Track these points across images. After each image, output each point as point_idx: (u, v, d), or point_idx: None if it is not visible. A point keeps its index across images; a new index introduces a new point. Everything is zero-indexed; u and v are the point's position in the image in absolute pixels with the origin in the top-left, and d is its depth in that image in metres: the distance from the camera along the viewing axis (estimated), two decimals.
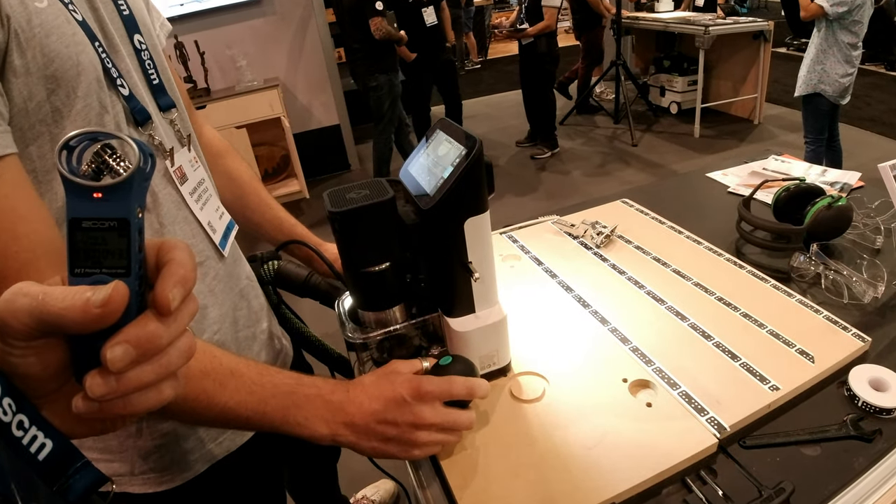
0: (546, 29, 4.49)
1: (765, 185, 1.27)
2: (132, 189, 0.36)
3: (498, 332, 0.82)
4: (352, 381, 0.73)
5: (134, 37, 0.71)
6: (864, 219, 1.17)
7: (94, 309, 0.33)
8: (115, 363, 0.34)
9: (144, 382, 0.36)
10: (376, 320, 0.82)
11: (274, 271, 0.96)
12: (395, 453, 0.71)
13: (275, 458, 0.93)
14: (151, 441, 0.76)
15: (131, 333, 0.35)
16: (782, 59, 7.18)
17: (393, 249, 0.77)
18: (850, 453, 0.71)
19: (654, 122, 5.70)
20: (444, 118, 0.81)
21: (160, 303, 0.36)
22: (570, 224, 1.26)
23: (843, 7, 3.16)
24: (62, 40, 0.58)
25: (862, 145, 4.59)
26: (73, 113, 0.60)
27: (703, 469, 0.70)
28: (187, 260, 0.38)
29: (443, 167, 0.72)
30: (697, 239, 1.17)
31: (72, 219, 0.35)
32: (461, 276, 0.76)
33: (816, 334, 0.87)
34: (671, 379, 0.81)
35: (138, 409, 0.38)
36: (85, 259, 0.36)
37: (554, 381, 0.84)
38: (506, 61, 8.99)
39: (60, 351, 0.36)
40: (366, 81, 4.05)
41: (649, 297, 1.00)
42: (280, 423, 0.67)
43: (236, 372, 0.66)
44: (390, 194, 0.74)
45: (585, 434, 0.74)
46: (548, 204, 4.19)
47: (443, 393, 0.71)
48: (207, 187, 0.83)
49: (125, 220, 0.35)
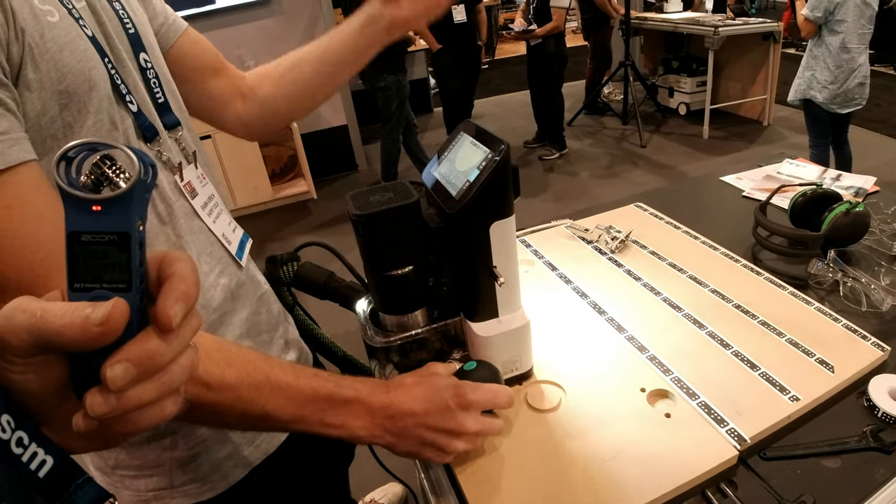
0: (555, 30, 4.48)
1: (780, 190, 1.25)
2: (132, 201, 0.35)
3: (521, 337, 0.81)
4: (392, 383, 0.72)
5: (140, 55, 0.71)
6: (881, 224, 1.16)
7: (93, 327, 0.32)
8: (116, 382, 0.34)
9: (146, 400, 0.36)
10: (398, 324, 0.81)
11: (294, 273, 0.96)
12: (429, 457, 0.71)
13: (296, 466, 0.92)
14: (187, 451, 0.75)
15: (132, 351, 0.34)
16: (792, 59, 7.13)
17: (416, 253, 0.76)
18: (870, 465, 0.70)
19: (662, 124, 5.68)
20: (468, 120, 0.81)
21: (162, 320, 0.35)
22: (583, 228, 1.26)
23: (819, 11, 3.15)
24: (75, 55, 0.57)
25: (872, 147, 4.56)
26: (84, 128, 0.59)
27: (724, 482, 0.70)
28: (189, 274, 0.37)
29: (468, 170, 0.71)
30: (713, 244, 1.16)
31: (71, 232, 0.34)
32: (485, 280, 0.75)
33: (836, 343, 0.86)
34: (690, 389, 0.80)
35: (140, 427, 0.37)
36: (85, 274, 0.35)
37: (571, 390, 0.83)
38: (514, 61, 8.98)
39: (60, 367, 0.36)
40: (374, 82, 4.05)
41: (666, 303, 1.00)
42: (318, 426, 0.67)
43: (272, 375, 0.65)
44: (415, 197, 0.73)
45: (604, 445, 0.74)
46: (556, 206, 4.18)
47: (487, 403, 0.71)
48: (218, 202, 0.82)
49: (126, 233, 0.34)
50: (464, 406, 0.69)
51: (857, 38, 3.19)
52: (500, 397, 0.72)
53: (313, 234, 4.10)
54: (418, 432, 0.68)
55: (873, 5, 3.16)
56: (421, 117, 6.29)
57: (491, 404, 0.72)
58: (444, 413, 0.69)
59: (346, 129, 5.12)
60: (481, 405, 0.71)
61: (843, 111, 3.34)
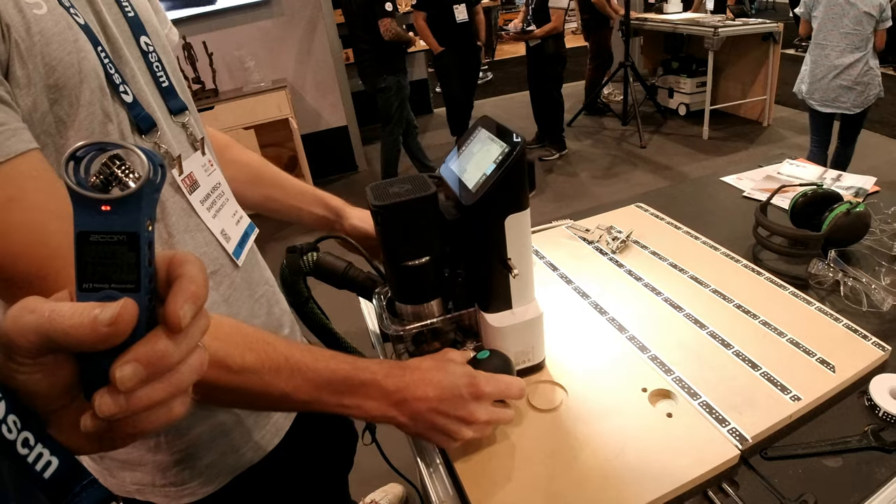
0: (554, 30, 4.48)
1: (781, 191, 1.26)
2: (141, 201, 0.34)
3: (534, 328, 0.83)
4: (408, 364, 0.73)
5: (140, 39, 0.70)
6: (882, 224, 1.17)
7: (102, 328, 0.32)
8: (125, 382, 0.33)
9: (155, 401, 0.36)
10: (413, 313, 0.82)
11: (313, 263, 0.96)
12: (437, 441, 0.73)
13: (290, 477, 0.92)
14: (170, 456, 0.75)
15: (141, 352, 0.34)
16: (792, 60, 7.14)
17: (434, 244, 0.77)
18: (871, 465, 0.70)
19: (662, 124, 5.68)
20: (485, 116, 0.82)
21: (171, 320, 0.35)
22: (584, 229, 1.26)
23: (802, 7, 3.34)
24: (63, 47, 0.56)
25: (871, 147, 4.56)
26: (76, 122, 0.58)
27: (725, 481, 0.70)
28: (198, 275, 0.37)
29: (486, 164, 0.72)
30: (714, 244, 1.16)
31: (79, 232, 0.34)
32: (500, 272, 0.77)
33: (837, 343, 0.87)
34: (691, 388, 0.80)
35: (148, 428, 0.37)
36: (93, 274, 0.34)
37: (572, 389, 0.84)
38: (513, 62, 8.98)
39: (68, 368, 0.36)
40: (374, 83, 4.06)
41: (667, 304, 1.00)
42: (334, 406, 0.69)
43: (291, 358, 0.66)
44: (433, 189, 0.75)
45: (605, 445, 0.74)
46: (556, 206, 4.18)
47: (499, 394, 0.73)
48: (223, 192, 0.81)
49: (135, 233, 0.34)
50: (476, 396, 0.71)
51: (838, 36, 3.22)
52: (512, 389, 0.74)
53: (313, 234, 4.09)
54: (430, 417, 0.70)
55: (861, 6, 3.13)
56: (421, 118, 6.29)
57: (503, 395, 0.74)
58: (457, 401, 0.70)
59: (346, 129, 5.12)
60: (494, 396, 0.73)
61: (823, 109, 3.38)
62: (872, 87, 3.28)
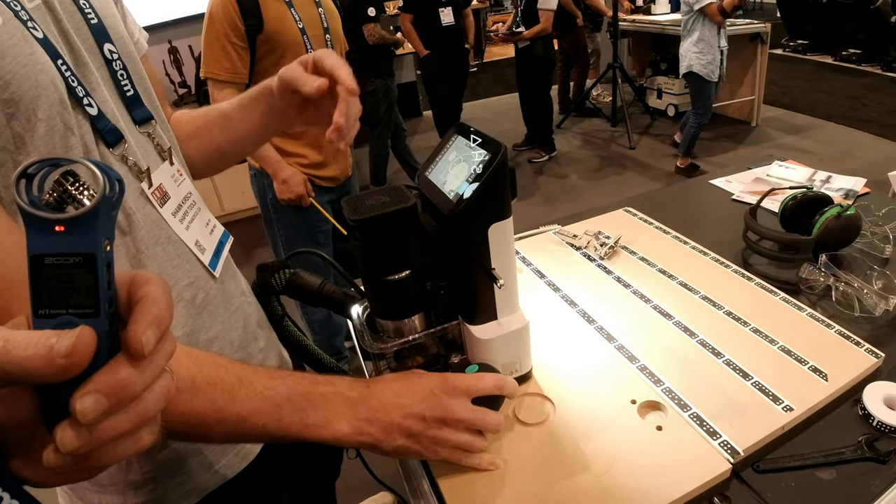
0: (542, 32, 4.48)
1: (770, 193, 1.24)
2: (97, 220, 0.33)
3: (520, 338, 0.81)
4: (371, 378, 0.71)
5: (104, 46, 0.67)
6: (873, 227, 1.15)
7: (58, 359, 0.30)
8: (87, 415, 0.31)
9: (120, 432, 0.34)
10: (395, 329, 0.79)
11: (286, 280, 0.94)
12: (419, 451, 0.68)
13: (273, 484, 0.90)
14: (142, 475, 0.73)
15: (102, 381, 0.32)
16: (779, 60, 7.18)
17: (414, 257, 0.75)
18: (866, 476, 0.69)
19: (651, 125, 5.70)
20: (461, 122, 0.80)
21: (133, 346, 0.33)
22: (572, 235, 1.24)
23: None
24: (19, 60, 0.54)
25: (859, 147, 4.59)
26: (35, 138, 0.56)
27: (717, 496, 0.68)
28: (161, 296, 0.35)
29: (466, 172, 0.70)
30: (703, 249, 1.15)
31: (33, 255, 0.32)
32: (484, 282, 0.75)
33: (829, 350, 0.85)
34: (681, 400, 0.79)
35: (115, 459, 0.35)
36: (49, 299, 0.32)
37: (560, 402, 0.81)
38: (502, 64, 8.98)
39: (28, 399, 0.33)
40: (362, 86, 4.02)
41: (656, 311, 0.98)
42: (298, 427, 0.64)
43: (245, 379, 0.62)
44: (412, 201, 0.72)
45: (594, 461, 0.72)
46: (545, 208, 4.18)
47: (471, 387, 0.70)
48: (195, 201, 0.79)
49: (91, 254, 0.32)
50: (447, 391, 0.68)
51: None
52: (484, 381, 0.71)
53: None
54: (405, 424, 0.66)
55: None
56: (409, 121, 6.27)
57: (476, 389, 0.70)
58: (429, 399, 0.67)
59: None
60: (465, 390, 0.69)
61: None
62: None
